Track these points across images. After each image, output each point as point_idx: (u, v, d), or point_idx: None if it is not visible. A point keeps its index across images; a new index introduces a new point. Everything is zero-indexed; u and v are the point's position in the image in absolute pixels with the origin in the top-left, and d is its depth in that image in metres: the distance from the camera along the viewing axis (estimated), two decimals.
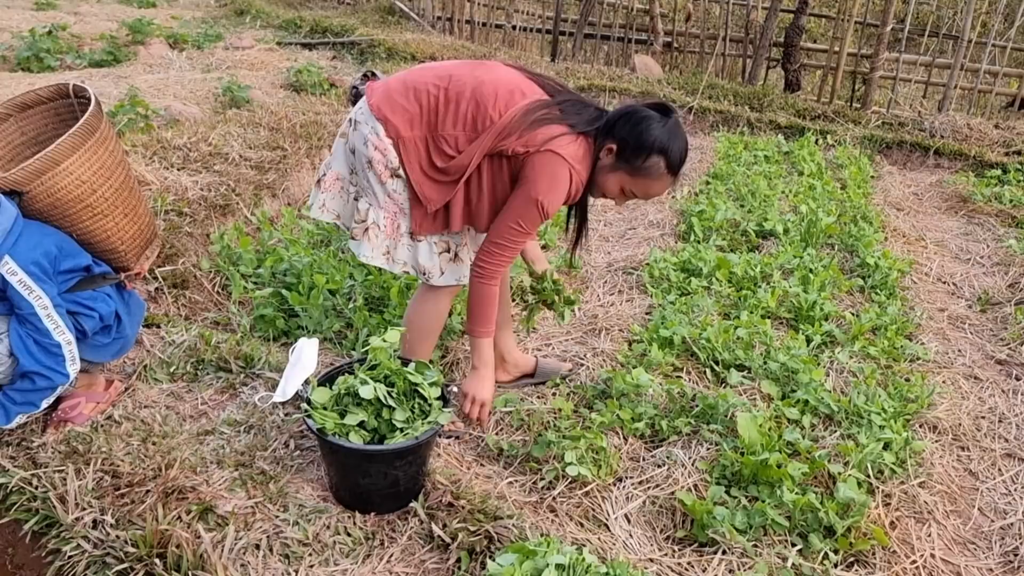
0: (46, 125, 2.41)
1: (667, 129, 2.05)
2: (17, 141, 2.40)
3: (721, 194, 4.51)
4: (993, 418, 2.70)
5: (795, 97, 6.76)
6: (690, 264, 3.53)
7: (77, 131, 2.08)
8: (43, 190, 2.05)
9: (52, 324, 2.02)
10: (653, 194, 2.18)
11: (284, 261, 3.16)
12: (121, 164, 2.26)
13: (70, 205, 2.11)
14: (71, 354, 2.08)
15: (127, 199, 2.25)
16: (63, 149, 2.05)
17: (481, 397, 2.21)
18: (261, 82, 6.03)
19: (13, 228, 1.94)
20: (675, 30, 7.73)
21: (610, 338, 2.99)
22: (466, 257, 2.28)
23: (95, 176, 2.13)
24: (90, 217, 2.15)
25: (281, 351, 2.68)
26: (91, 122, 2.12)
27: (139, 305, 2.45)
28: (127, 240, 2.27)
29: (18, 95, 2.38)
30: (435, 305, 2.35)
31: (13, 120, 2.38)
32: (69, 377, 2.09)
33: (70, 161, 2.07)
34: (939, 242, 4.27)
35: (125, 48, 6.83)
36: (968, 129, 5.84)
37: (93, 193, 2.13)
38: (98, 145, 2.15)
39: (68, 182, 2.08)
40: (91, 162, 2.12)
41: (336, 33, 8.09)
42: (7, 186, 2.01)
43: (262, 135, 4.29)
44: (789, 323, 3.19)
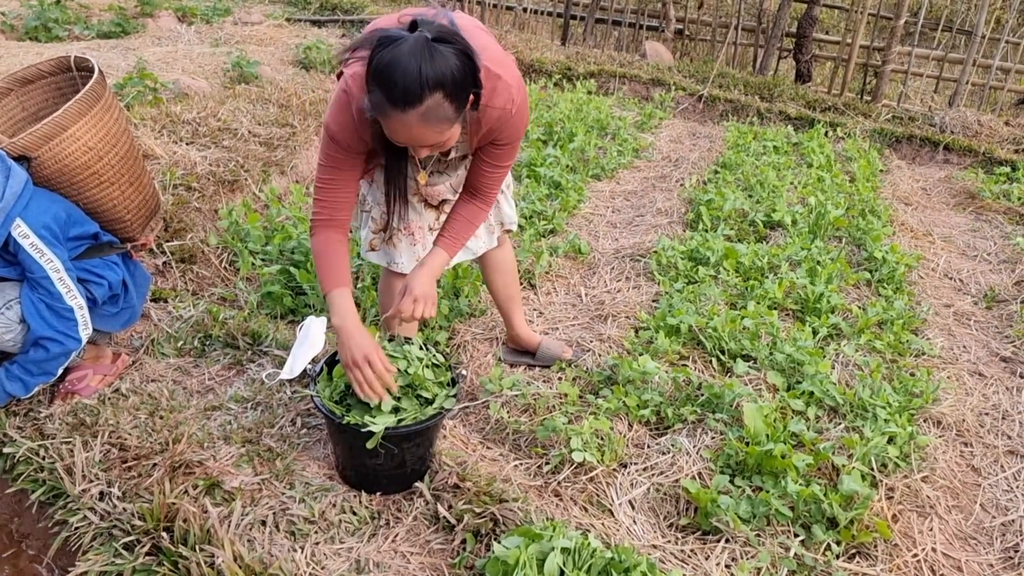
0: (47, 100, 2.41)
1: (393, 51, 1.55)
2: (19, 116, 2.40)
3: (730, 183, 4.50)
4: (997, 415, 2.70)
5: (806, 88, 6.73)
6: (698, 253, 3.52)
7: (83, 97, 2.08)
8: (51, 156, 2.05)
9: (64, 288, 2.02)
10: (401, 140, 1.71)
11: (292, 239, 3.16)
12: (125, 133, 2.26)
13: (77, 172, 2.11)
14: (83, 319, 2.08)
15: (132, 168, 2.26)
16: (70, 115, 2.05)
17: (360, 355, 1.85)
18: (270, 58, 6.01)
19: (24, 192, 1.94)
20: (687, 17, 7.68)
21: (617, 324, 2.99)
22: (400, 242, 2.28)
23: (101, 143, 2.13)
24: (97, 185, 2.15)
25: (288, 328, 2.68)
26: (96, 89, 2.13)
27: (144, 277, 2.45)
28: (132, 210, 2.28)
29: (19, 69, 2.38)
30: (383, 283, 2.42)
31: (15, 95, 2.38)
32: (82, 342, 2.08)
33: (77, 127, 2.07)
34: (946, 238, 4.26)
35: (134, 20, 6.79)
36: (978, 125, 5.81)
37: (100, 160, 2.13)
38: (103, 112, 2.15)
39: (75, 148, 2.08)
40: (97, 128, 2.12)
41: (345, 11, 8.04)
42: (16, 151, 2.01)
43: (271, 112, 4.27)
44: (795, 314, 3.19)
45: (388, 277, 2.38)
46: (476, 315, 2.98)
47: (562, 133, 5.03)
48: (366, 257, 2.31)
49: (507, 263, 2.56)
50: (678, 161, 5.13)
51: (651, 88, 6.58)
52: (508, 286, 2.61)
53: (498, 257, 2.52)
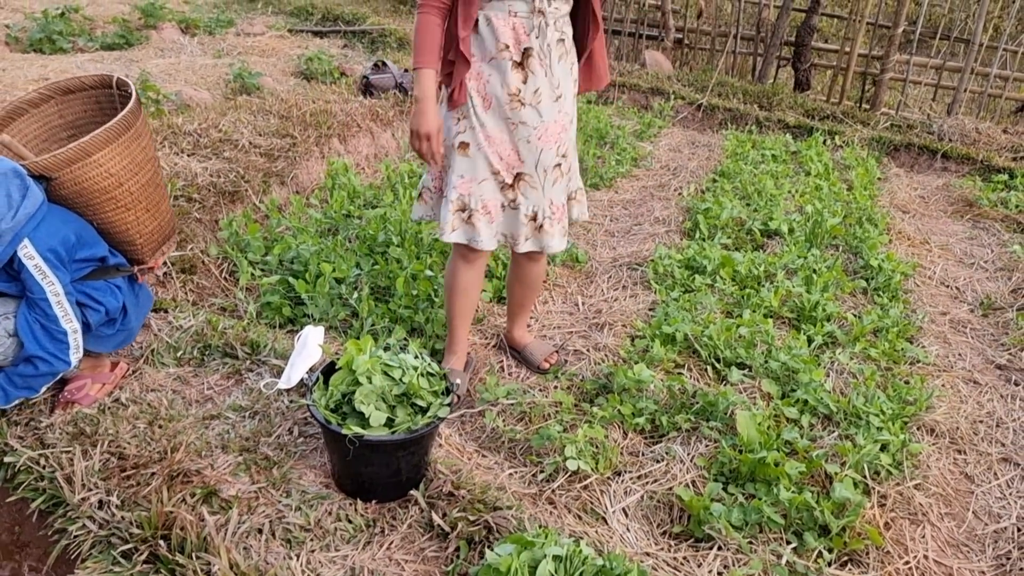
0: (85, 111, 2.45)
1: None
2: (55, 123, 2.44)
3: (728, 192, 4.52)
4: (991, 422, 2.72)
5: (804, 97, 6.76)
6: (694, 261, 3.55)
7: (113, 125, 2.12)
8: (71, 178, 2.09)
9: (61, 311, 2.04)
10: None
11: (292, 249, 3.19)
12: (151, 161, 2.30)
13: (95, 195, 2.15)
14: (76, 343, 2.10)
15: (151, 195, 2.30)
16: (97, 141, 2.09)
17: (424, 130, 2.17)
18: (272, 69, 6.04)
19: (36, 213, 1.98)
20: (686, 26, 7.72)
21: (613, 333, 3.01)
22: (482, 220, 2.31)
23: (124, 171, 2.17)
24: (113, 209, 2.19)
25: (287, 338, 2.71)
26: (128, 118, 2.17)
27: (147, 297, 2.48)
28: (146, 234, 2.32)
29: (62, 79, 2.43)
30: (451, 265, 2.50)
31: (54, 102, 2.42)
32: (71, 365, 2.11)
33: (102, 154, 2.11)
34: (944, 246, 4.28)
35: (137, 32, 6.84)
36: (976, 133, 5.83)
37: (119, 186, 2.17)
38: (131, 141, 2.19)
39: (96, 173, 2.12)
40: (122, 157, 2.16)
41: (347, 21, 8.09)
42: (37, 171, 2.05)
43: (272, 122, 4.31)
44: (791, 323, 3.21)
45: (458, 256, 2.45)
46: (474, 323, 3.01)
47: None
48: (448, 239, 2.32)
49: (536, 279, 2.63)
50: (677, 170, 5.16)
51: (651, 97, 6.62)
52: (525, 298, 2.71)
53: (532, 272, 2.58)
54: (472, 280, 2.48)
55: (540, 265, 2.56)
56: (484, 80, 2.20)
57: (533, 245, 2.38)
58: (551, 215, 2.34)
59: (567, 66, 2.26)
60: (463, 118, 2.25)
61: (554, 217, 2.35)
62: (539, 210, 2.32)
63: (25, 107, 2.37)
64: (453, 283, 2.49)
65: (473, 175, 2.27)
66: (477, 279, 2.50)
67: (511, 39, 2.15)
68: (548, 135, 2.25)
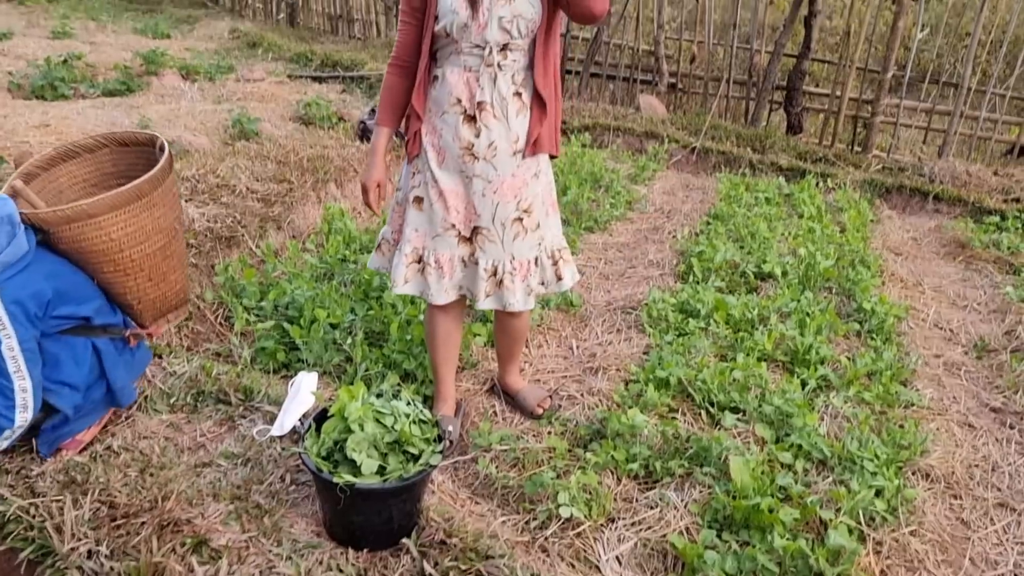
0: (135, 164, 2.45)
1: None
2: (108, 170, 2.50)
3: (721, 235, 4.56)
4: (986, 467, 2.71)
5: (797, 139, 6.84)
6: (688, 305, 3.56)
7: (123, 192, 2.13)
8: (69, 236, 2.09)
9: (13, 365, 1.97)
10: None
11: (287, 294, 3.21)
12: (164, 231, 2.29)
13: (92, 256, 2.14)
14: (23, 401, 2.02)
15: (158, 264, 2.28)
16: (101, 205, 2.10)
17: (363, 182, 2.33)
18: (271, 114, 6.13)
19: (18, 262, 1.98)
20: (680, 71, 7.84)
21: (607, 377, 3.02)
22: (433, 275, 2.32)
23: (127, 237, 2.17)
24: (111, 272, 2.18)
25: (281, 384, 2.71)
26: (142, 187, 2.17)
27: (144, 357, 2.46)
28: (145, 302, 2.30)
29: (119, 132, 2.51)
30: (427, 314, 2.51)
31: (109, 151, 2.48)
32: (15, 423, 2.02)
33: (105, 218, 2.11)
34: (937, 288, 4.30)
35: (139, 78, 6.95)
36: (967, 175, 5.89)
37: (120, 252, 2.16)
38: (142, 209, 2.19)
39: (96, 235, 2.12)
40: (128, 224, 2.15)
41: (346, 67, 8.22)
42: (36, 222, 2.06)
43: (269, 168, 4.36)
44: (785, 366, 3.21)
45: (431, 314, 2.47)
46: (468, 367, 3.01)
47: (556, 187, 5.10)
48: (399, 291, 2.33)
49: (519, 332, 2.62)
50: (671, 213, 5.20)
51: (645, 141, 6.70)
52: (511, 348, 2.70)
53: (513, 325, 2.58)
54: (450, 328, 2.50)
55: (521, 319, 2.54)
56: (438, 134, 2.23)
57: (494, 302, 2.36)
58: (512, 271, 2.32)
59: (527, 120, 2.24)
60: (417, 172, 2.29)
61: (516, 273, 2.33)
62: (499, 265, 2.31)
63: (79, 151, 2.42)
64: (432, 332, 2.50)
65: (427, 229, 2.29)
66: (455, 326, 2.52)
67: (464, 93, 2.17)
68: (505, 188, 2.24)
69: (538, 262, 2.38)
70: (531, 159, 2.28)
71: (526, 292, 2.38)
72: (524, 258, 2.34)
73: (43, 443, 2.19)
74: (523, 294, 2.37)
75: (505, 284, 2.32)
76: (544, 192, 2.37)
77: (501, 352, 2.74)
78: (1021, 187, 5.75)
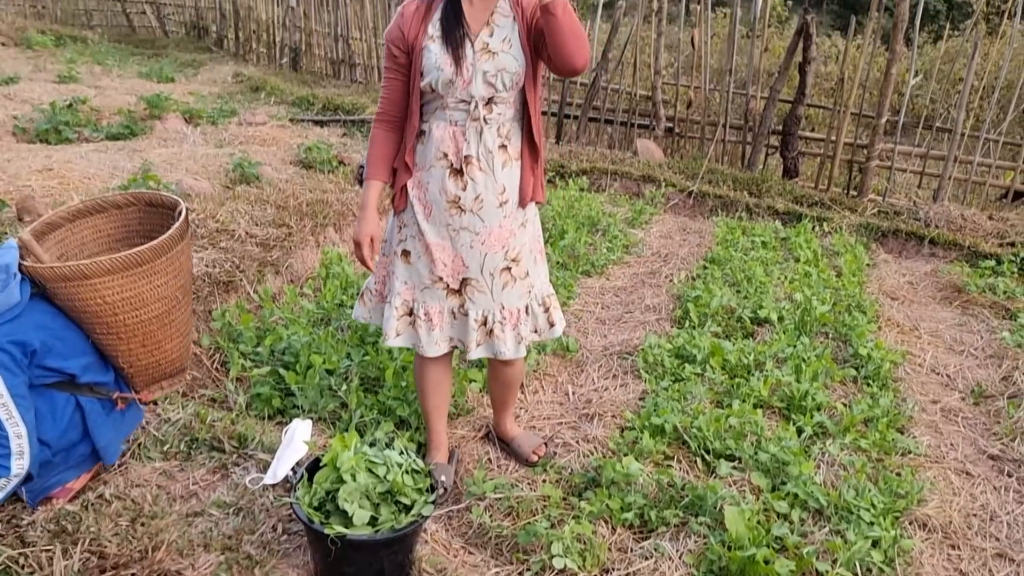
0: (160, 224, 2.44)
1: None
2: (134, 227, 2.53)
3: (718, 280, 4.58)
4: (984, 516, 2.69)
5: (793, 183, 6.90)
6: (684, 350, 3.57)
7: (121, 257, 2.12)
8: (64, 293, 2.10)
9: (4, 413, 1.96)
10: None
11: (283, 340, 3.21)
12: (164, 300, 2.26)
13: (86, 316, 2.14)
14: (19, 448, 2.00)
15: (154, 332, 2.26)
16: (98, 267, 2.08)
17: (356, 237, 2.31)
18: (272, 158, 6.19)
19: (7, 313, 1.99)
20: (677, 116, 7.94)
21: (602, 424, 3.01)
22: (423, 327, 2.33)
23: (123, 302, 2.15)
24: (103, 334, 2.17)
25: (276, 430, 2.70)
26: (144, 254, 2.16)
27: (135, 416, 2.44)
28: (137, 367, 2.29)
29: (147, 192, 2.53)
30: (415, 364, 2.52)
31: (135, 209, 2.51)
32: (11, 471, 2.00)
33: (101, 280, 2.10)
34: (933, 332, 4.31)
35: (142, 122, 7.03)
36: (963, 219, 5.93)
37: (113, 316, 2.15)
38: (142, 276, 2.17)
39: (90, 296, 2.11)
40: (124, 288, 2.14)
41: (347, 111, 8.32)
42: (33, 274, 2.07)
43: (269, 212, 4.39)
44: (781, 412, 3.21)
45: (420, 363, 2.48)
46: (463, 414, 3.01)
47: (553, 230, 5.15)
48: (391, 344, 2.35)
49: (512, 380, 2.62)
50: (667, 257, 5.23)
51: (642, 184, 6.76)
52: (505, 396, 2.71)
53: (506, 373, 2.58)
54: (439, 377, 2.50)
55: (514, 367, 2.54)
56: (424, 188, 2.25)
57: (485, 351, 2.37)
58: (503, 320, 2.33)
59: (514, 172, 2.26)
60: (404, 226, 2.31)
61: (506, 322, 2.34)
62: (489, 314, 2.33)
63: (107, 206, 2.45)
64: (422, 381, 2.51)
65: (416, 282, 2.31)
66: (445, 375, 2.52)
67: (450, 147, 2.20)
68: (493, 239, 2.27)
69: (529, 310, 2.40)
70: (517, 210, 2.31)
71: (516, 340, 2.38)
72: (514, 307, 2.36)
73: (29, 493, 2.18)
74: (514, 343, 2.37)
75: (496, 333, 2.33)
76: (531, 240, 2.39)
77: (495, 399, 2.74)
78: (1016, 231, 5.78)
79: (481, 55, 2.12)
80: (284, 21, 11.63)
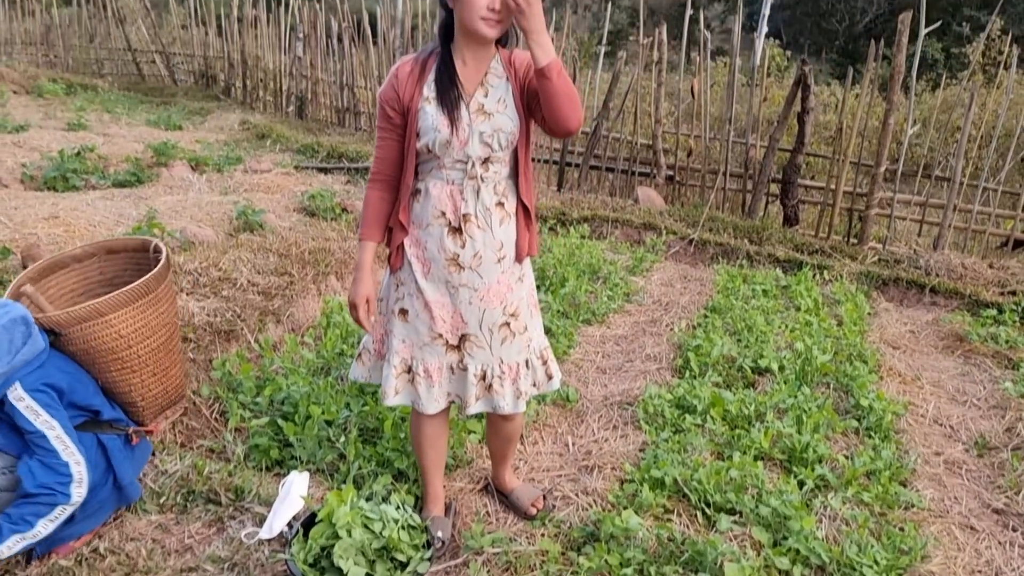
0: (124, 270, 2.57)
1: None
2: (95, 279, 2.56)
3: (718, 328, 4.58)
4: (990, 572, 2.65)
5: (794, 231, 6.94)
6: (685, 400, 3.55)
7: (131, 289, 2.22)
8: (80, 336, 2.17)
9: (61, 446, 2.05)
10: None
11: (283, 390, 3.21)
12: (166, 326, 2.37)
13: (101, 355, 2.22)
14: (79, 475, 2.08)
15: (161, 359, 2.36)
16: (111, 303, 2.18)
17: (352, 299, 2.30)
18: (276, 205, 6.26)
19: (35, 360, 2.05)
20: (677, 164, 8.02)
21: (602, 476, 2.99)
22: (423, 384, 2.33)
23: (135, 333, 2.25)
24: (118, 370, 2.25)
25: (273, 482, 2.69)
26: (149, 283, 2.27)
27: (146, 449, 2.49)
28: (148, 398, 2.36)
29: (108, 239, 2.60)
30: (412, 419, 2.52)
31: (97, 259, 2.55)
32: (71, 498, 2.08)
33: (115, 315, 2.19)
34: (935, 382, 4.29)
35: (149, 169, 7.13)
36: (963, 268, 5.94)
37: (128, 348, 2.24)
38: (148, 305, 2.27)
39: (106, 334, 2.20)
40: (135, 320, 2.24)
41: (351, 158, 8.43)
42: (48, 324, 2.12)
43: (271, 260, 4.43)
44: (782, 465, 3.18)
45: (417, 419, 2.47)
46: (461, 465, 2.99)
47: (554, 278, 5.17)
48: (390, 403, 2.34)
49: (511, 433, 2.61)
50: (668, 305, 5.24)
51: (643, 232, 6.80)
52: (503, 449, 2.70)
53: (505, 427, 2.57)
54: (436, 432, 2.49)
55: (513, 421, 2.54)
56: (422, 246, 2.26)
57: (484, 406, 2.37)
58: (502, 374, 2.33)
59: (510, 228, 2.28)
60: (401, 284, 2.32)
61: (505, 377, 2.34)
62: (488, 369, 2.32)
63: (69, 260, 2.49)
64: (418, 437, 2.50)
65: (415, 339, 2.31)
66: (441, 430, 2.51)
67: (448, 206, 2.21)
68: (491, 295, 2.27)
69: (528, 364, 2.40)
70: (514, 265, 2.32)
71: (516, 395, 2.38)
72: (513, 361, 2.36)
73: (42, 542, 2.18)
74: (513, 397, 2.37)
75: (495, 388, 2.33)
76: (528, 294, 2.41)
77: (494, 452, 2.73)
78: (1017, 280, 5.79)
79: (477, 116, 2.16)
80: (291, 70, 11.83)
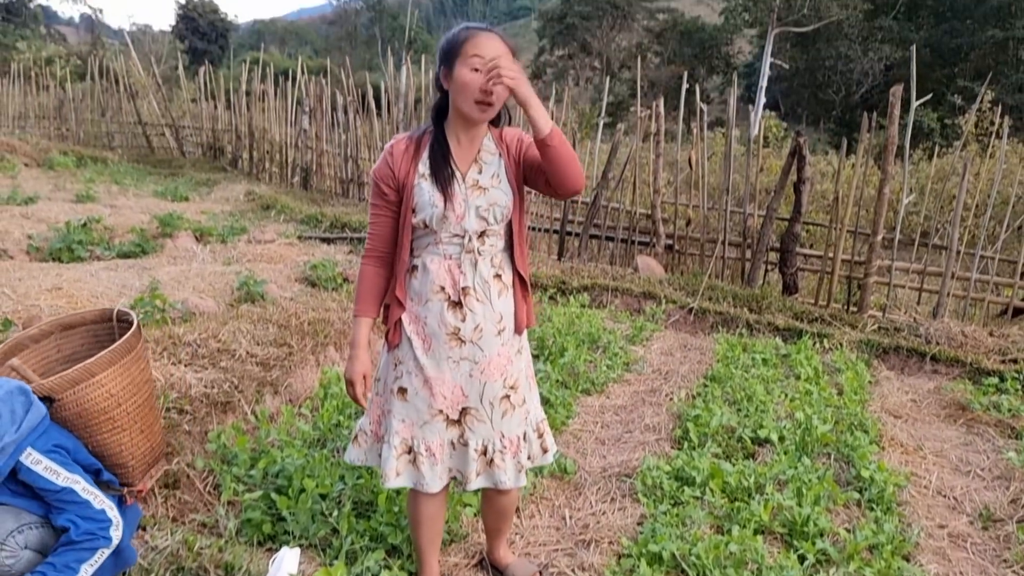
0: (83, 345, 2.61)
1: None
2: (53, 358, 2.59)
3: (718, 398, 4.56)
4: None
5: (793, 300, 6.96)
6: (684, 472, 3.52)
7: (117, 347, 2.29)
8: (74, 399, 2.23)
9: (90, 496, 2.11)
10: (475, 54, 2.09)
11: (278, 463, 3.19)
12: (148, 383, 2.46)
13: (94, 416, 2.27)
14: (115, 519, 2.15)
15: (146, 415, 2.43)
16: (100, 362, 2.24)
17: (348, 376, 2.31)
18: (278, 275, 6.31)
19: (39, 426, 2.09)
20: (676, 233, 8.11)
21: (599, 551, 2.94)
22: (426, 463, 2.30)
23: (123, 391, 2.31)
24: (109, 430, 2.30)
25: (265, 558, 2.65)
26: (130, 342, 2.35)
27: (136, 513, 2.50)
28: (137, 456, 2.41)
29: (64, 315, 2.62)
30: (409, 497, 2.49)
31: (54, 337, 2.58)
32: (111, 541, 2.14)
33: (105, 374, 2.26)
34: (938, 452, 4.24)
35: (154, 240, 7.23)
36: (963, 336, 5.94)
37: (118, 407, 2.31)
38: (132, 363, 2.35)
39: (98, 394, 2.26)
40: (122, 377, 2.30)
41: (354, 229, 8.53)
42: (43, 392, 2.17)
43: (270, 331, 4.45)
44: (783, 538, 3.13)
45: (416, 498, 2.43)
46: (457, 540, 2.95)
47: (553, 348, 5.17)
48: (391, 486, 2.31)
49: (507, 508, 2.59)
50: (668, 374, 5.23)
51: (643, 301, 6.83)
52: (499, 524, 2.66)
53: (501, 502, 2.55)
54: (435, 511, 2.46)
55: (511, 496, 2.51)
56: (422, 322, 2.26)
57: (485, 481, 2.34)
58: (503, 448, 2.32)
59: (508, 300, 2.30)
60: (400, 363, 2.30)
61: (506, 451, 2.33)
62: (489, 444, 2.31)
63: (27, 342, 2.52)
64: (416, 515, 2.46)
65: (415, 418, 2.29)
66: (440, 508, 2.48)
67: (447, 281, 2.23)
68: (492, 368, 2.28)
69: (526, 437, 2.39)
70: (513, 337, 2.33)
71: (517, 469, 2.36)
72: (513, 434, 2.35)
73: None
74: (514, 471, 2.35)
75: (496, 463, 2.31)
76: (526, 366, 2.42)
77: (489, 527, 2.69)
78: (1018, 348, 5.77)
79: (472, 191, 2.21)
80: (296, 142, 12.09)
